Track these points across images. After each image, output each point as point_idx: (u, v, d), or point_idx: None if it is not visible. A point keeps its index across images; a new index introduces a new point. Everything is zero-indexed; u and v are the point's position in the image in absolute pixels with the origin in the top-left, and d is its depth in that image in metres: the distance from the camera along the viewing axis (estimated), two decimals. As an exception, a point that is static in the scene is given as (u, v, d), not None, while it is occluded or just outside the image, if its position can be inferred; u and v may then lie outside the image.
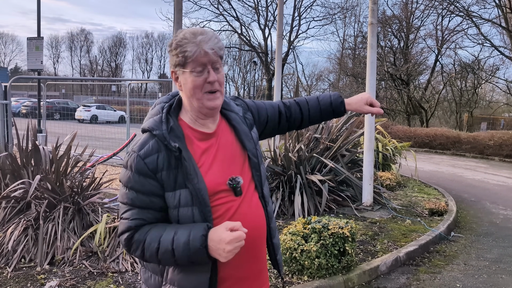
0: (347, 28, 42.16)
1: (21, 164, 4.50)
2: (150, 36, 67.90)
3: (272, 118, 1.79)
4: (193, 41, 1.40)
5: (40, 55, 11.66)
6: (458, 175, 11.55)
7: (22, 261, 3.84)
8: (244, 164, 1.55)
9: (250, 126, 1.65)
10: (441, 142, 17.39)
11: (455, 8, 22.68)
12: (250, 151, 1.56)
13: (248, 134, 1.59)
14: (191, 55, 1.39)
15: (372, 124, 6.71)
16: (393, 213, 6.39)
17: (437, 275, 4.53)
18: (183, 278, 1.44)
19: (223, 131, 1.56)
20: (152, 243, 1.37)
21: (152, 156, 1.40)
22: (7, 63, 61.68)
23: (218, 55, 1.44)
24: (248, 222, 1.45)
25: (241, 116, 1.62)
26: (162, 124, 1.44)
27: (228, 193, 1.46)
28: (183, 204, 1.40)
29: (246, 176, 1.54)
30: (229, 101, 1.64)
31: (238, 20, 29.18)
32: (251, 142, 1.58)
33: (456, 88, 26.89)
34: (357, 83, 27.26)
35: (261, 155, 1.64)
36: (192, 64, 1.41)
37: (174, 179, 1.40)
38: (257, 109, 1.75)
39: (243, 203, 1.49)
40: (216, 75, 1.44)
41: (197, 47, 1.39)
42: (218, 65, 1.45)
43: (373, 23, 6.74)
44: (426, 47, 26.49)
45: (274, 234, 1.64)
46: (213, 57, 1.42)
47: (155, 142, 1.42)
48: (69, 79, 42.69)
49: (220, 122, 1.56)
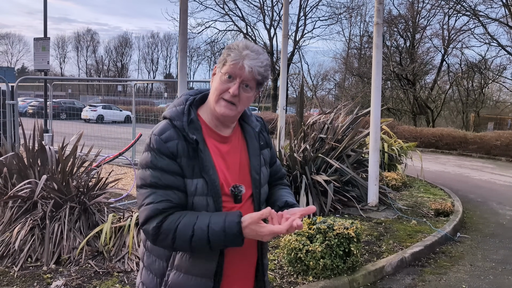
0: (353, 27, 42.02)
1: (28, 164, 4.53)
2: (156, 36, 68.24)
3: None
4: (241, 51, 1.47)
5: (46, 55, 11.72)
6: (465, 175, 11.48)
7: (29, 261, 3.87)
8: (247, 178, 1.58)
9: (264, 145, 1.69)
10: (447, 142, 17.30)
11: (461, 8, 22.58)
12: (253, 167, 1.60)
13: (256, 150, 1.63)
14: (230, 61, 1.46)
15: (377, 124, 6.69)
16: (399, 214, 6.37)
17: (443, 276, 4.51)
18: (191, 265, 1.48)
19: (237, 140, 1.61)
20: (186, 231, 1.39)
21: (172, 141, 1.45)
22: (14, 63, 62.12)
23: (254, 78, 1.48)
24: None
25: (256, 132, 1.65)
26: (183, 115, 1.50)
27: (228, 198, 1.52)
28: (199, 193, 1.45)
29: (247, 192, 1.57)
30: (250, 115, 1.68)
31: (244, 20, 29.23)
32: (256, 158, 1.62)
33: (463, 88, 26.74)
34: (363, 83, 27.18)
35: (265, 176, 1.65)
36: (227, 69, 1.47)
37: (192, 167, 1.46)
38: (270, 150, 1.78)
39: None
40: (240, 91, 1.48)
41: (239, 58, 1.46)
42: (250, 84, 1.49)
43: (379, 23, 6.72)
44: (432, 47, 26.42)
45: (265, 254, 1.69)
46: (247, 74, 1.46)
47: (174, 131, 1.47)
48: (75, 79, 42.92)
49: (236, 131, 1.62)
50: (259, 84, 1.53)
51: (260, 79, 1.50)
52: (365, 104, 18.15)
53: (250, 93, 1.51)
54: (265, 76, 1.51)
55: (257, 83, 1.52)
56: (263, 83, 1.54)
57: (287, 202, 1.64)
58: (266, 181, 1.67)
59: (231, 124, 1.59)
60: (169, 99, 31.74)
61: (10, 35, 64.36)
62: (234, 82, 1.47)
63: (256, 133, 1.65)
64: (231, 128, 1.60)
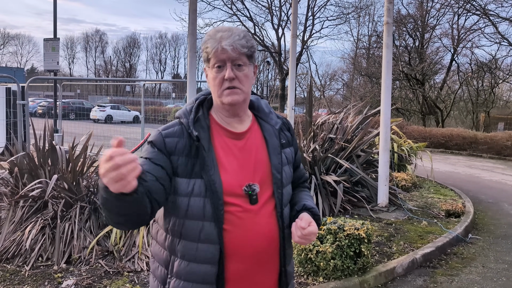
0: (361, 27, 41.96)
1: (38, 164, 4.55)
2: (164, 36, 68.52)
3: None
4: (214, 37, 1.43)
5: (56, 56, 11.80)
6: (475, 176, 11.37)
7: (40, 260, 3.88)
8: (267, 178, 1.50)
9: (286, 144, 1.62)
10: (457, 142, 17.15)
11: (471, 7, 22.35)
12: (274, 166, 1.52)
13: (277, 148, 1.55)
14: (210, 50, 1.43)
15: (387, 125, 6.64)
16: (409, 214, 6.31)
17: (455, 278, 4.46)
18: (189, 271, 1.43)
19: (254, 137, 1.54)
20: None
21: (172, 138, 1.45)
22: (23, 64, 62.68)
23: (240, 52, 1.43)
24: (258, 233, 1.45)
25: (277, 130, 1.58)
26: (190, 113, 1.49)
27: (243, 199, 1.45)
28: (195, 194, 1.40)
29: (266, 192, 1.50)
30: (269, 112, 1.61)
31: (252, 20, 29.18)
32: (277, 157, 1.54)
33: (473, 88, 26.48)
34: (371, 83, 27.05)
35: (288, 176, 1.58)
36: (212, 60, 1.44)
37: (191, 167, 1.42)
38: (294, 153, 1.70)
39: (258, 215, 1.46)
40: (236, 72, 1.44)
41: (216, 43, 1.42)
42: (240, 62, 1.44)
43: (389, 22, 6.67)
44: (441, 46, 26.16)
45: (289, 260, 1.59)
46: (232, 53, 1.42)
47: (180, 128, 1.47)
48: (84, 80, 43.18)
49: (252, 127, 1.56)
50: (249, 56, 1.47)
51: (247, 51, 1.45)
52: (374, 104, 18.06)
53: (245, 70, 1.46)
54: (249, 46, 1.45)
55: (247, 56, 1.46)
56: (253, 53, 1.48)
57: (305, 205, 1.58)
58: (289, 181, 1.59)
59: (242, 113, 1.53)
60: (177, 99, 31.84)
61: (19, 36, 65.11)
62: (225, 67, 1.44)
63: (276, 131, 1.58)
64: (245, 124, 1.54)
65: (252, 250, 1.44)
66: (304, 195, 1.68)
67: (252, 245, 1.44)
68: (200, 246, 1.42)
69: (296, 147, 1.69)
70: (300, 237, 1.44)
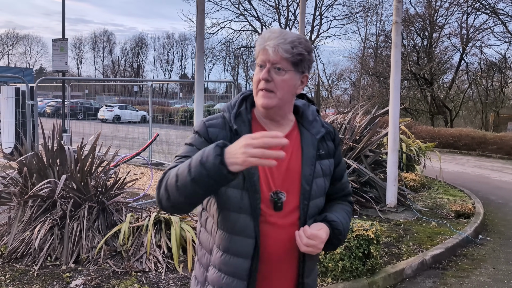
0: (369, 27, 41.73)
1: (47, 164, 4.56)
2: (171, 36, 68.81)
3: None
4: (263, 37, 1.43)
5: (64, 56, 11.88)
6: (485, 176, 11.27)
7: (48, 260, 3.89)
8: (295, 187, 1.46)
9: (325, 155, 1.55)
10: (466, 142, 17.01)
11: (480, 6, 22.18)
12: (304, 177, 1.47)
13: (311, 158, 1.49)
14: (257, 50, 1.45)
15: (396, 125, 6.59)
16: (418, 215, 6.26)
17: (465, 280, 4.41)
18: (223, 262, 1.43)
19: (290, 144, 1.47)
20: (172, 175, 1.30)
21: (215, 128, 1.46)
22: (32, 64, 63.20)
23: (282, 57, 1.40)
24: (277, 240, 1.43)
25: (316, 139, 1.52)
26: (234, 107, 1.49)
27: (268, 204, 1.43)
28: (233, 185, 1.38)
29: (293, 201, 1.46)
30: (313, 120, 1.55)
31: (259, 20, 29.16)
32: (310, 168, 1.48)
33: (482, 87, 26.27)
34: (379, 83, 26.90)
35: (320, 189, 1.51)
36: (258, 59, 1.45)
37: None
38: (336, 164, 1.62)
39: (280, 222, 1.44)
40: (273, 75, 1.42)
41: (263, 43, 1.42)
42: (280, 65, 1.41)
43: (398, 21, 6.62)
44: (450, 46, 26.00)
45: (309, 273, 1.53)
46: (273, 55, 1.40)
47: (222, 121, 1.48)
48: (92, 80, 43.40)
49: (291, 133, 1.51)
50: (295, 64, 1.43)
51: (290, 57, 1.40)
52: (381, 104, 17.95)
53: (285, 75, 1.42)
54: (295, 53, 1.40)
55: (292, 63, 1.42)
56: (299, 61, 1.43)
57: (327, 217, 1.51)
58: (322, 194, 1.53)
59: (279, 118, 1.50)
60: (184, 99, 31.90)
61: (28, 37, 65.67)
62: (264, 67, 1.43)
63: (316, 140, 1.51)
64: (283, 129, 1.50)
65: (270, 256, 1.44)
66: (337, 207, 1.61)
67: (270, 251, 1.43)
68: (234, 239, 1.42)
69: (339, 159, 1.62)
70: (305, 244, 1.39)
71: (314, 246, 1.39)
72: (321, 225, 1.46)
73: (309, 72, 1.51)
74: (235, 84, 10.48)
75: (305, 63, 1.46)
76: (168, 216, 4.22)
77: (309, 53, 1.46)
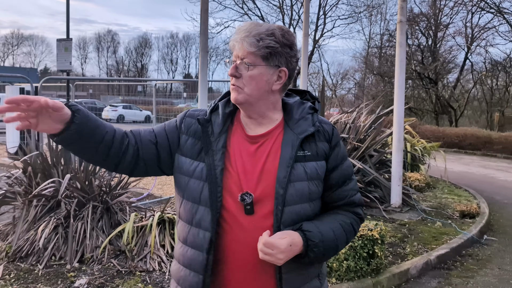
0: (373, 26, 41.55)
1: (51, 163, 4.57)
2: (175, 36, 68.69)
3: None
4: (235, 33, 1.40)
5: (69, 56, 11.90)
6: (490, 176, 11.20)
7: (53, 259, 3.90)
8: (270, 191, 1.35)
9: (312, 157, 1.40)
10: (471, 142, 16.92)
11: (485, 5, 22.08)
12: (278, 180, 1.34)
13: (287, 160, 1.35)
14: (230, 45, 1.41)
15: (401, 124, 6.57)
16: (423, 215, 6.23)
17: (470, 280, 4.38)
18: (181, 254, 1.44)
19: (269, 144, 1.40)
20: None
21: (191, 119, 1.47)
22: (37, 64, 63.39)
23: (248, 51, 1.34)
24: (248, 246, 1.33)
25: (299, 139, 1.38)
26: (214, 102, 1.48)
27: (238, 205, 1.35)
28: (196, 176, 1.38)
29: (267, 206, 1.34)
30: (299, 119, 1.43)
31: (263, 19, 29.11)
32: (285, 170, 1.34)
33: (487, 87, 26.14)
34: (383, 82, 26.83)
35: (300, 193, 1.36)
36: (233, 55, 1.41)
37: (198, 150, 1.41)
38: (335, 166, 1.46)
39: (250, 226, 1.34)
40: (242, 71, 1.36)
41: (232, 39, 1.39)
42: (247, 60, 1.35)
43: (402, 21, 6.60)
44: (455, 45, 25.87)
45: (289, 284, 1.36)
46: (238, 50, 1.36)
47: (203, 113, 1.48)
48: (96, 79, 43.51)
49: (272, 132, 1.42)
50: (264, 58, 1.34)
51: (257, 51, 1.32)
52: (386, 103, 17.89)
53: (253, 70, 1.34)
54: (261, 46, 1.32)
55: (261, 57, 1.34)
56: (269, 54, 1.34)
57: (302, 226, 1.35)
58: (304, 200, 1.37)
59: (256, 116, 1.42)
60: (188, 99, 31.90)
61: (33, 37, 65.86)
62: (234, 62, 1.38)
63: (298, 140, 1.38)
64: (264, 127, 1.42)
65: (240, 263, 1.36)
66: (329, 217, 1.44)
67: (238, 258, 1.35)
68: (192, 230, 1.39)
69: (336, 163, 1.45)
70: (260, 251, 1.28)
71: (271, 255, 1.27)
72: (288, 234, 1.31)
73: (290, 66, 1.39)
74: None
75: (278, 57, 1.36)
76: (172, 216, 4.22)
77: (283, 46, 1.35)
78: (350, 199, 1.49)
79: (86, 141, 1.31)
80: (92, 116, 1.32)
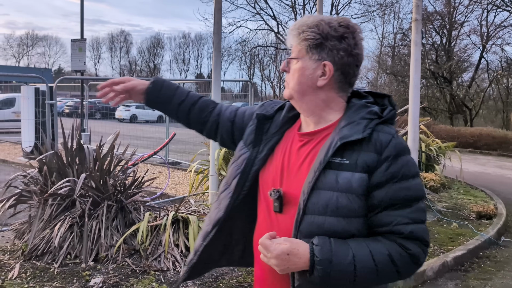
0: (386, 25, 41.21)
1: (67, 163, 4.60)
2: (187, 36, 68.69)
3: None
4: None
5: (83, 56, 12.02)
6: (506, 176, 11.03)
7: (68, 258, 3.92)
8: (298, 193, 1.27)
9: (349, 167, 1.21)
10: (486, 142, 16.68)
11: (501, 3, 21.77)
12: (305, 184, 1.23)
13: (318, 165, 1.22)
14: None
15: (416, 124, 6.47)
16: (439, 216, 6.15)
17: (488, 282, 4.31)
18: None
19: (313, 145, 1.32)
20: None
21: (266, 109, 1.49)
22: (51, 65, 64.11)
23: (292, 44, 1.32)
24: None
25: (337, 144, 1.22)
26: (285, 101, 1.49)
27: (271, 203, 1.32)
28: (237, 163, 1.44)
29: (292, 209, 1.26)
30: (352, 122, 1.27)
31: (275, 19, 29.10)
32: (313, 175, 1.22)
33: (503, 86, 25.78)
34: (396, 81, 26.59)
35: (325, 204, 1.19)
36: None
37: (251, 139, 1.43)
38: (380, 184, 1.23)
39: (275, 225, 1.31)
40: (287, 65, 1.35)
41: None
42: (293, 54, 1.33)
43: (418, 19, 6.50)
44: (470, 44, 25.54)
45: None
46: (287, 44, 1.36)
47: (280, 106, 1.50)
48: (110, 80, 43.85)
49: (319, 133, 1.33)
50: (306, 51, 1.28)
51: (297, 44, 1.29)
52: (400, 103, 17.73)
53: (296, 64, 1.30)
54: (302, 38, 1.27)
55: (305, 50, 1.28)
56: (309, 47, 1.27)
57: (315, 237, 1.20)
58: (332, 214, 1.19)
59: (307, 114, 1.35)
60: (200, 99, 32.00)
61: (47, 37, 66.63)
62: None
63: (336, 145, 1.22)
64: (315, 126, 1.34)
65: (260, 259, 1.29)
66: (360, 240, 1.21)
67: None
68: (215, 205, 1.48)
69: (384, 178, 1.21)
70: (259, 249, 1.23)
71: (267, 258, 1.20)
72: (292, 242, 1.18)
73: (337, 60, 1.27)
74: (252, 83, 10.46)
75: (320, 50, 1.27)
76: (186, 215, 4.21)
77: (329, 38, 1.25)
78: (395, 227, 1.21)
79: (163, 107, 1.58)
80: (168, 87, 1.57)
